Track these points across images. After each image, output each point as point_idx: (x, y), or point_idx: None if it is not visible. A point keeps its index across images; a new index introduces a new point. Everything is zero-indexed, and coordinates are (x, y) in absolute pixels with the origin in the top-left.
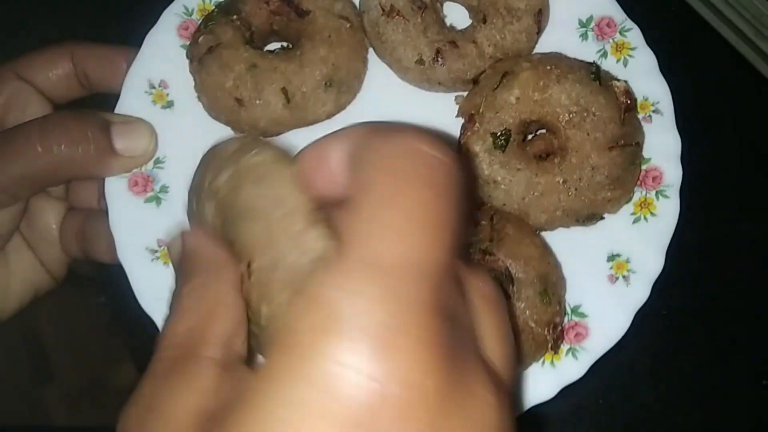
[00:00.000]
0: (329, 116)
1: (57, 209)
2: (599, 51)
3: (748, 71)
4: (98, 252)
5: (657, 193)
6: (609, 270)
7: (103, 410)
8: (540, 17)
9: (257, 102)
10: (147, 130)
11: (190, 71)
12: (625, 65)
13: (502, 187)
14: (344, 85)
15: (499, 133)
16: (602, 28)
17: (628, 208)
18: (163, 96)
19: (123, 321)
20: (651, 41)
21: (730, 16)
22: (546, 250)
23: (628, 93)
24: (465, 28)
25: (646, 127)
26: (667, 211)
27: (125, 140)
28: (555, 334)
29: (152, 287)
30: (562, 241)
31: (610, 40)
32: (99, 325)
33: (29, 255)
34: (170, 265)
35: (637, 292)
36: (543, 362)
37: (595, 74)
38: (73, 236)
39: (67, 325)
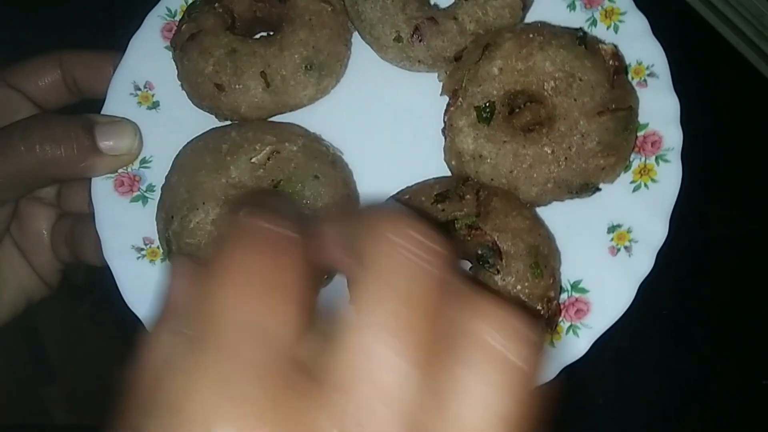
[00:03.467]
0: (311, 100)
1: (48, 215)
2: (588, 19)
3: (748, 71)
4: (87, 255)
5: (657, 158)
6: (609, 242)
7: (103, 410)
8: None
9: (237, 87)
10: (131, 129)
11: (173, 59)
12: (616, 31)
13: (489, 161)
14: (325, 68)
15: (483, 106)
16: None
17: (626, 177)
18: (149, 97)
19: (122, 321)
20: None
21: (730, 16)
22: (536, 222)
23: (616, 55)
24: (447, 6)
25: (642, 92)
26: (669, 175)
27: (109, 139)
28: (550, 309)
29: (138, 285)
30: (558, 215)
31: (599, 7)
32: (99, 326)
33: (22, 262)
34: (156, 262)
35: (641, 263)
36: None
37: (581, 39)
38: (63, 241)
39: (67, 326)
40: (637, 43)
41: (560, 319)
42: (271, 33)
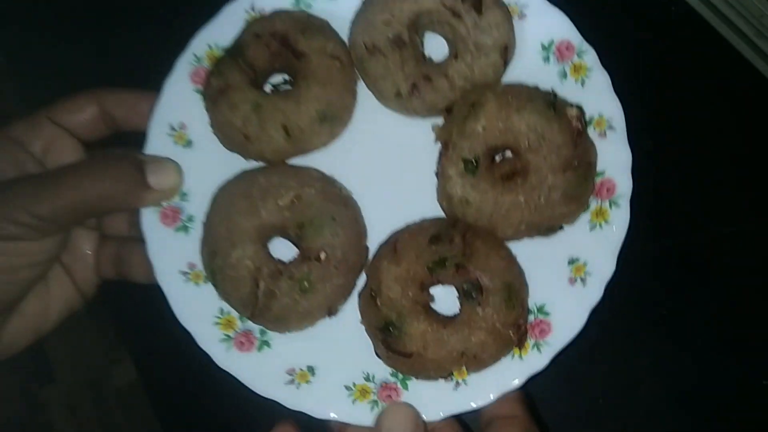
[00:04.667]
0: (325, 145)
1: (91, 237)
2: (559, 72)
3: (748, 71)
4: (135, 274)
5: (610, 202)
6: (569, 273)
7: (103, 410)
8: (506, 53)
9: (262, 137)
10: (174, 167)
11: (205, 108)
12: (583, 85)
13: (473, 206)
14: (336, 118)
15: (469, 159)
16: (562, 51)
17: (585, 217)
18: (183, 136)
19: (122, 322)
20: (647, 43)
21: (730, 16)
22: (511, 261)
23: (580, 119)
24: (440, 62)
25: (601, 142)
26: (619, 219)
27: (156, 177)
28: (519, 334)
29: (188, 305)
30: (529, 248)
31: (569, 62)
32: (98, 326)
33: (66, 279)
34: (200, 284)
35: (593, 292)
36: (512, 356)
37: (551, 103)
38: (108, 261)
39: (67, 326)
40: (600, 97)
41: (527, 338)
42: (286, 78)
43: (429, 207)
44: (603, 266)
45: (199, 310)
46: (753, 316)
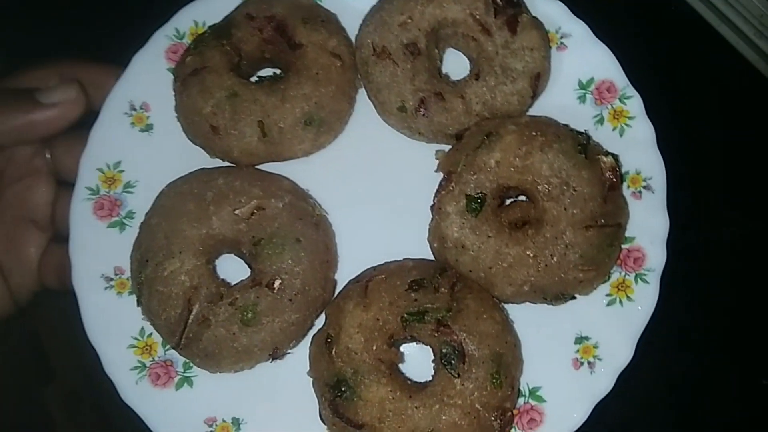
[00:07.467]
0: (306, 154)
1: (40, 242)
2: (596, 116)
3: (748, 71)
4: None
5: (637, 276)
6: (575, 353)
7: (103, 410)
8: (537, 82)
9: (232, 132)
10: (73, 84)
11: (173, 89)
12: (621, 134)
13: (470, 252)
14: (325, 125)
15: (474, 196)
16: (602, 93)
17: (603, 288)
18: (143, 119)
19: None
20: (649, 39)
21: (730, 16)
22: (505, 328)
23: (615, 170)
24: (457, 81)
25: (635, 204)
26: (645, 297)
27: (49, 94)
28: (503, 421)
29: (101, 317)
30: (529, 314)
31: (609, 106)
32: None
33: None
34: (123, 295)
35: (601, 382)
36: None
37: (583, 146)
38: (51, 269)
39: (67, 326)
40: (640, 151)
41: (512, 427)
42: (277, 71)
43: (416, 245)
44: (617, 352)
45: (114, 326)
46: (753, 316)
